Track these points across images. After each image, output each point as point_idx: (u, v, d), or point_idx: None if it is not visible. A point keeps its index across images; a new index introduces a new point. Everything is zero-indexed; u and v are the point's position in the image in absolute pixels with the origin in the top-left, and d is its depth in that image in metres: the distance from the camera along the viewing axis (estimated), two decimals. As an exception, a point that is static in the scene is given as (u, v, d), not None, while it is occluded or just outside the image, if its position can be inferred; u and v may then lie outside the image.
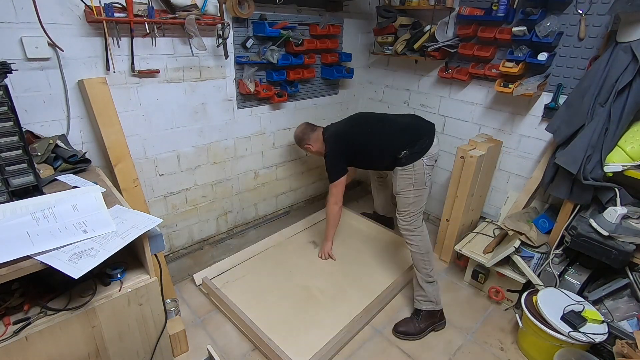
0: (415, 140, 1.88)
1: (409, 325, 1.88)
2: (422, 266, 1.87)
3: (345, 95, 3.00)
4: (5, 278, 0.89)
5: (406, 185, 1.88)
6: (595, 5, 1.83)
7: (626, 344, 1.48)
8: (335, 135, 2.10)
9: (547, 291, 1.81)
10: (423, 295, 1.89)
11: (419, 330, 1.86)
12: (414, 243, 1.87)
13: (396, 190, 1.92)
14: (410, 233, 1.88)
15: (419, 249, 1.87)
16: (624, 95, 1.65)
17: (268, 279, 2.17)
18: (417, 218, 1.89)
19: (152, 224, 1.08)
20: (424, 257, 1.87)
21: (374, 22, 2.73)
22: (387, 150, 1.92)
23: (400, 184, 1.90)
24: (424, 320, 1.88)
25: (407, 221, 1.88)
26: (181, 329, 1.68)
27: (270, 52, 2.21)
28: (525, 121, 2.25)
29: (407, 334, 1.86)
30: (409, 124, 1.99)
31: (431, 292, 1.88)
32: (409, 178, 1.87)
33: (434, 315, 1.91)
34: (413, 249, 1.88)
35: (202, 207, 2.39)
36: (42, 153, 1.38)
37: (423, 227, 1.91)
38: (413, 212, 1.88)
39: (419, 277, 1.89)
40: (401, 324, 1.90)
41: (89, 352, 1.10)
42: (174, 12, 1.76)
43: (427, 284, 1.88)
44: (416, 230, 1.88)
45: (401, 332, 1.86)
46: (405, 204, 1.88)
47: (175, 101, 2.00)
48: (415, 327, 1.87)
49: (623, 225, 1.69)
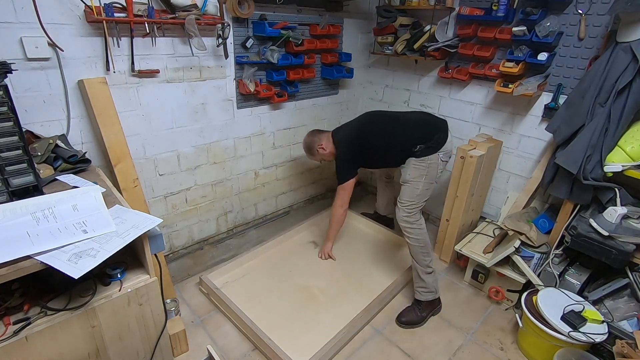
0: (431, 135, 1.90)
1: (410, 314, 1.94)
2: (422, 258, 1.89)
3: (345, 95, 3.00)
4: (5, 278, 0.89)
5: (417, 175, 1.88)
6: (595, 5, 1.83)
7: (626, 344, 1.48)
8: (348, 137, 2.07)
9: (547, 291, 1.81)
10: (423, 287, 1.93)
11: (421, 319, 1.94)
12: (413, 236, 1.88)
13: (405, 179, 1.91)
14: (410, 225, 1.88)
15: (418, 242, 1.88)
16: (624, 95, 1.65)
17: (268, 279, 2.17)
18: (418, 211, 1.90)
19: (152, 224, 1.08)
20: (423, 249, 1.88)
21: (374, 22, 2.73)
22: (402, 147, 1.92)
23: (411, 173, 1.89)
24: (425, 309, 1.96)
25: (409, 212, 1.88)
26: (181, 329, 1.68)
27: (270, 52, 2.21)
28: (525, 121, 2.25)
29: (410, 323, 1.92)
30: (424, 120, 2.01)
31: (431, 282, 1.93)
32: (422, 169, 1.88)
33: (433, 303, 1.98)
34: (412, 241, 1.89)
35: (202, 207, 2.39)
36: (42, 153, 1.38)
37: (422, 220, 1.92)
38: (416, 204, 1.88)
39: (419, 270, 1.91)
40: (404, 313, 1.95)
41: (89, 352, 1.10)
42: (174, 12, 1.76)
43: (427, 275, 1.91)
44: (416, 223, 1.88)
45: (405, 322, 1.91)
46: (411, 194, 1.88)
47: (175, 101, 2.00)
48: (418, 315, 1.93)
49: (623, 225, 1.69)
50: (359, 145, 2.02)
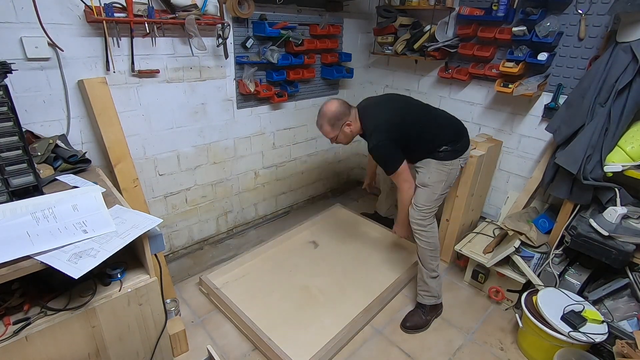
0: (459, 137, 1.87)
1: (415, 318, 1.91)
2: (429, 262, 1.86)
3: (345, 95, 3.00)
4: (5, 278, 0.89)
5: (438, 180, 1.83)
6: (595, 5, 1.83)
7: (626, 344, 1.48)
8: (388, 123, 1.78)
9: (547, 291, 1.81)
10: (427, 291, 1.91)
11: (426, 322, 1.91)
12: (425, 239, 1.84)
13: (424, 182, 1.84)
14: (422, 228, 1.84)
15: (429, 245, 1.85)
16: (624, 95, 1.65)
17: (268, 279, 2.17)
18: (432, 214, 1.86)
19: (152, 224, 1.08)
20: (432, 252, 1.86)
21: (374, 22, 2.73)
22: (431, 142, 1.84)
23: (432, 177, 1.83)
24: (429, 312, 1.93)
25: (423, 216, 1.83)
26: (181, 329, 1.68)
27: (270, 52, 2.21)
28: (525, 121, 2.25)
29: (416, 327, 1.89)
30: (452, 119, 1.95)
31: (435, 287, 1.90)
32: (444, 174, 1.83)
33: (436, 307, 1.97)
34: (423, 244, 1.85)
35: (202, 207, 2.39)
36: (42, 153, 1.38)
37: (435, 224, 1.88)
38: (432, 208, 1.84)
39: (424, 273, 1.88)
40: (408, 318, 1.92)
41: (89, 352, 1.10)
42: (174, 12, 1.76)
43: (431, 279, 1.88)
44: (429, 227, 1.84)
45: (410, 327, 1.88)
46: (429, 199, 1.83)
47: (175, 101, 2.00)
48: (423, 319, 1.91)
49: (623, 225, 1.69)
50: (400, 134, 1.79)
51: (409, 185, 1.84)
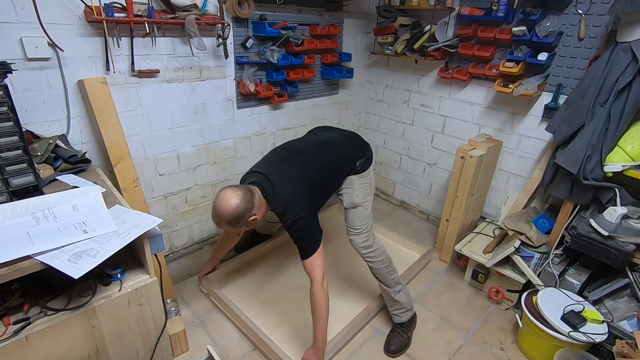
0: (363, 147, 1.80)
1: (396, 340, 1.79)
2: (389, 278, 1.75)
3: (345, 95, 3.00)
4: (5, 278, 0.89)
5: (365, 194, 1.72)
6: (595, 5, 1.83)
7: (626, 344, 1.48)
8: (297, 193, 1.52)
9: (547, 291, 1.81)
10: (400, 308, 1.81)
11: (408, 339, 1.82)
12: (376, 259, 1.72)
13: (354, 202, 1.69)
14: (371, 250, 1.71)
15: (382, 262, 1.73)
16: (624, 95, 1.65)
17: (268, 279, 2.17)
18: (371, 230, 1.74)
19: (152, 224, 1.09)
20: (388, 267, 1.75)
21: (374, 22, 2.73)
22: (346, 168, 1.71)
23: (359, 194, 1.70)
24: (409, 328, 1.84)
25: (366, 237, 1.71)
26: (181, 329, 1.68)
27: (270, 52, 2.21)
28: (525, 121, 2.25)
29: (401, 349, 1.78)
30: (347, 135, 1.85)
31: (406, 300, 1.81)
32: (367, 186, 1.74)
33: (413, 319, 1.88)
34: (377, 265, 1.72)
35: (202, 207, 2.39)
36: (42, 153, 1.38)
37: (377, 237, 1.77)
38: (369, 224, 1.73)
39: (390, 293, 1.77)
40: (390, 342, 1.79)
41: (89, 352, 1.10)
42: (174, 12, 1.76)
43: (399, 295, 1.78)
44: (375, 244, 1.73)
45: (394, 350, 1.76)
46: (364, 217, 1.70)
47: (175, 101, 2.00)
48: (404, 337, 1.81)
49: (623, 225, 1.69)
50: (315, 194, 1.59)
51: (324, 277, 1.53)
